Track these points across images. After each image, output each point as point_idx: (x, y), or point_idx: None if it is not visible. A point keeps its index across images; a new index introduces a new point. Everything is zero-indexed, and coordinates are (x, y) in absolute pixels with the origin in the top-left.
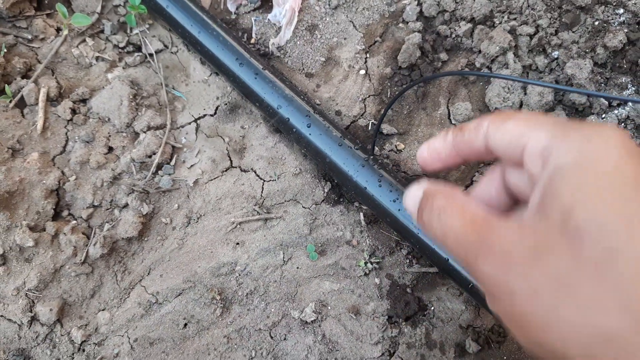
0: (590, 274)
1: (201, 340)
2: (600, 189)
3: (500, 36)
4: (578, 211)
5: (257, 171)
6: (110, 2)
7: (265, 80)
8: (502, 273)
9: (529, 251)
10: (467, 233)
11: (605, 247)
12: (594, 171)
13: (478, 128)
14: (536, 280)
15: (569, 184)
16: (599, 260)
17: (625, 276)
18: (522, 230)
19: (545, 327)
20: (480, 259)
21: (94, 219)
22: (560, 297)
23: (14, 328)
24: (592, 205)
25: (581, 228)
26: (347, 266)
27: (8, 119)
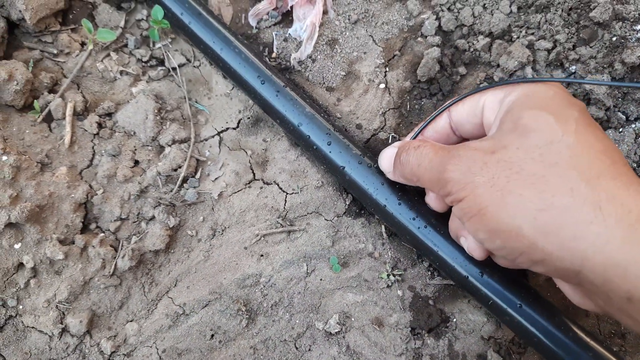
0: (536, 158)
1: (228, 351)
2: (543, 104)
3: (519, 51)
4: (526, 116)
5: (280, 184)
6: (133, 16)
7: (286, 98)
8: (466, 171)
9: (487, 151)
10: (437, 153)
11: (547, 138)
12: (538, 96)
13: (441, 115)
14: (492, 169)
15: (519, 105)
16: (542, 147)
17: (562, 158)
18: (482, 141)
19: (502, 207)
20: (448, 166)
21: (121, 231)
22: (512, 179)
23: (44, 339)
24: (537, 112)
25: (528, 126)
26: (369, 278)
27: (36, 133)
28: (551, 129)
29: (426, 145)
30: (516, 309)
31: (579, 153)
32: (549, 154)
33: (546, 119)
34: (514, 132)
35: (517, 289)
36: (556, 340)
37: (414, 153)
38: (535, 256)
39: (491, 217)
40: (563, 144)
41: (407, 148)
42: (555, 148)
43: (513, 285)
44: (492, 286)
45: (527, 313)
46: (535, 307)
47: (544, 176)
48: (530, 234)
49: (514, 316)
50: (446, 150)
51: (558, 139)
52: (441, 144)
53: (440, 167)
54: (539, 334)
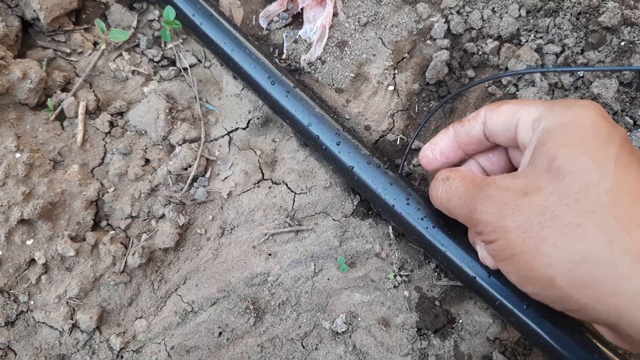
0: (571, 205)
1: (235, 348)
2: (579, 140)
3: (527, 54)
4: (561, 156)
5: (289, 184)
6: (145, 17)
7: (296, 99)
8: (498, 213)
9: (519, 192)
10: (468, 189)
11: (582, 182)
12: (574, 128)
13: (476, 116)
14: (525, 214)
15: (554, 139)
16: (578, 192)
17: (600, 204)
18: (514, 178)
19: (534, 256)
20: (479, 206)
21: (131, 229)
22: (546, 226)
23: (55, 335)
24: (572, 151)
25: (563, 168)
26: (376, 278)
27: (49, 131)
28: (587, 171)
29: (455, 179)
30: (523, 310)
31: (617, 199)
32: (586, 200)
33: (582, 161)
34: (548, 174)
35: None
36: (562, 342)
37: (443, 187)
38: (570, 306)
39: (524, 264)
40: (601, 189)
41: (436, 179)
42: (592, 193)
43: None
44: (499, 287)
45: (533, 314)
46: (541, 308)
47: (580, 225)
48: (564, 285)
49: (520, 317)
50: (476, 187)
51: (595, 182)
52: (472, 176)
53: (471, 205)
54: (545, 335)
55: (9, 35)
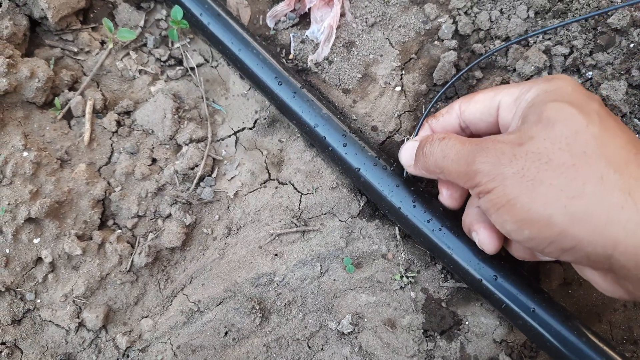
0: (563, 148)
1: (241, 348)
2: (564, 98)
3: (535, 56)
4: (549, 109)
5: (295, 184)
6: (153, 16)
7: (303, 99)
8: (496, 162)
9: (515, 143)
10: (465, 145)
11: (572, 128)
12: (556, 92)
13: (450, 110)
14: (521, 160)
15: (540, 101)
16: (569, 137)
17: (589, 147)
18: (509, 133)
19: (531, 197)
20: (477, 158)
21: (138, 228)
22: (542, 170)
23: (61, 333)
24: (559, 104)
25: (552, 118)
26: (383, 279)
27: (56, 130)
28: (575, 119)
29: (451, 138)
30: (529, 313)
31: (605, 142)
32: (576, 144)
33: (569, 111)
34: (539, 124)
35: (531, 293)
36: (569, 345)
37: (439, 144)
38: (566, 244)
39: (521, 207)
40: (589, 134)
41: (432, 140)
42: (582, 138)
43: (527, 289)
44: (505, 290)
45: (540, 317)
46: (548, 311)
47: (573, 165)
48: (561, 221)
49: (527, 320)
50: (473, 143)
51: (583, 129)
52: (466, 137)
53: (469, 158)
54: (552, 338)
55: (16, 34)
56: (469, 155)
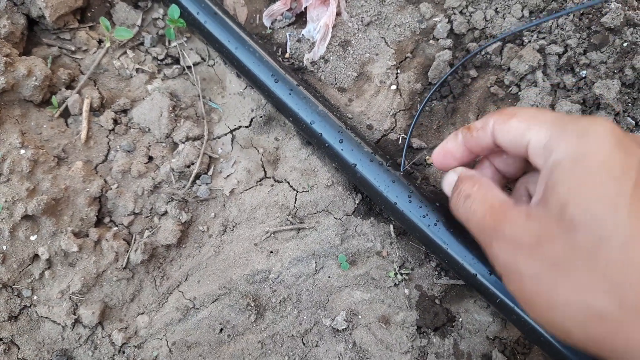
0: (583, 259)
1: (236, 345)
2: (591, 184)
3: (530, 55)
4: (572, 205)
5: (291, 182)
6: (150, 15)
7: (299, 96)
8: (512, 256)
9: (532, 238)
10: (485, 218)
11: (595, 236)
12: (586, 166)
13: (485, 127)
14: (539, 265)
15: (565, 179)
16: (590, 247)
17: (612, 261)
18: (528, 219)
19: (549, 306)
20: (494, 244)
21: (134, 225)
22: (559, 280)
23: (57, 329)
24: (584, 199)
25: (575, 220)
26: (377, 276)
27: (54, 128)
28: (600, 224)
29: (475, 200)
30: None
31: (629, 256)
32: (598, 256)
33: (594, 211)
34: (560, 223)
35: None
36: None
37: (463, 205)
38: (588, 352)
39: (540, 312)
40: (613, 244)
41: (459, 192)
42: (605, 249)
43: None
44: (500, 284)
45: None
46: None
47: (592, 284)
48: (580, 338)
49: (521, 315)
50: (493, 218)
51: (607, 235)
52: (491, 200)
53: (487, 239)
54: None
55: (14, 33)
56: (487, 235)
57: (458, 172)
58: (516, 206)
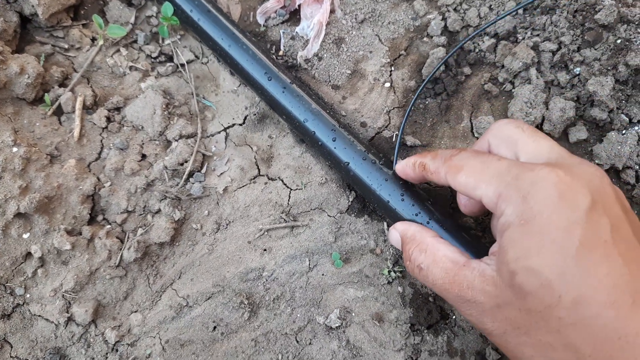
0: (538, 322)
1: (229, 342)
2: (536, 250)
3: (524, 52)
4: (520, 274)
5: (284, 180)
6: (143, 13)
7: (292, 95)
8: (479, 318)
9: (492, 302)
10: (446, 286)
11: (544, 302)
12: (530, 231)
13: (437, 173)
14: (502, 325)
15: (512, 246)
16: (543, 311)
17: (564, 322)
18: (485, 284)
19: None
20: (461, 308)
21: (127, 223)
22: (521, 339)
23: (50, 328)
24: (530, 267)
25: (523, 287)
26: (371, 274)
27: (46, 126)
28: (547, 292)
29: (429, 268)
30: None
31: (580, 316)
32: (551, 320)
33: (540, 280)
34: (512, 290)
35: None
36: None
37: (420, 276)
38: None
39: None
40: (561, 309)
41: (410, 261)
42: (555, 314)
43: None
44: None
45: None
46: None
47: (550, 344)
48: None
49: None
50: (452, 283)
51: (555, 302)
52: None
53: (455, 303)
54: None
55: (7, 31)
56: (454, 300)
57: (399, 230)
58: (469, 267)
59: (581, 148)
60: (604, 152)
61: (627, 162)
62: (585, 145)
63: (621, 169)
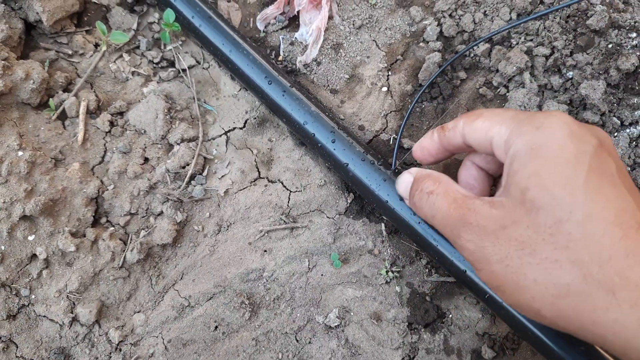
0: (547, 238)
1: (231, 342)
2: (548, 169)
3: (517, 56)
4: (532, 188)
5: (284, 182)
6: (145, 19)
7: (292, 98)
8: (479, 243)
9: (497, 224)
10: (450, 212)
11: (555, 215)
12: (542, 155)
13: (455, 127)
14: (505, 248)
15: (523, 167)
16: (552, 226)
17: (573, 237)
18: (492, 207)
19: (518, 288)
20: (462, 233)
21: (130, 225)
22: (525, 260)
23: (55, 328)
24: (542, 183)
25: (535, 202)
26: (369, 274)
27: (51, 130)
28: (559, 205)
29: (438, 194)
30: None
31: (588, 232)
32: (560, 235)
33: (552, 194)
34: (522, 207)
35: None
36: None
37: (427, 201)
38: (559, 329)
39: (510, 296)
40: (573, 223)
41: (420, 190)
42: (565, 228)
43: None
44: None
45: None
46: None
47: (557, 260)
48: (549, 315)
49: (509, 310)
50: (458, 209)
51: (566, 216)
52: (454, 195)
53: (454, 230)
54: (534, 328)
55: (12, 37)
56: (454, 226)
57: (413, 172)
58: (479, 198)
59: None
60: None
61: None
62: None
63: None
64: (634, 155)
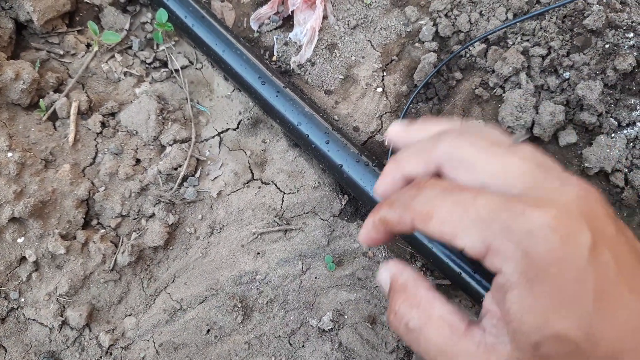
0: None
1: (223, 346)
2: (555, 314)
3: (514, 57)
4: (545, 345)
5: (278, 184)
6: (138, 19)
7: (286, 98)
8: None
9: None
10: (439, 358)
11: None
12: (542, 293)
13: (404, 224)
14: None
15: (527, 314)
16: None
17: None
18: (486, 353)
19: None
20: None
21: (121, 228)
22: None
23: (45, 331)
24: (556, 336)
25: (551, 358)
26: (363, 277)
27: (41, 131)
28: (576, 356)
29: (421, 333)
30: None
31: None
32: None
33: (569, 347)
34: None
35: None
36: None
37: (408, 336)
38: None
39: None
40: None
41: (397, 317)
42: None
43: None
44: (482, 283)
45: None
46: None
47: None
48: None
49: None
50: (450, 351)
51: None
52: (438, 326)
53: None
54: None
55: (2, 37)
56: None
57: (391, 270)
58: (470, 336)
59: (571, 151)
60: (593, 155)
61: (616, 165)
62: (574, 148)
63: (610, 172)
64: (631, 156)
